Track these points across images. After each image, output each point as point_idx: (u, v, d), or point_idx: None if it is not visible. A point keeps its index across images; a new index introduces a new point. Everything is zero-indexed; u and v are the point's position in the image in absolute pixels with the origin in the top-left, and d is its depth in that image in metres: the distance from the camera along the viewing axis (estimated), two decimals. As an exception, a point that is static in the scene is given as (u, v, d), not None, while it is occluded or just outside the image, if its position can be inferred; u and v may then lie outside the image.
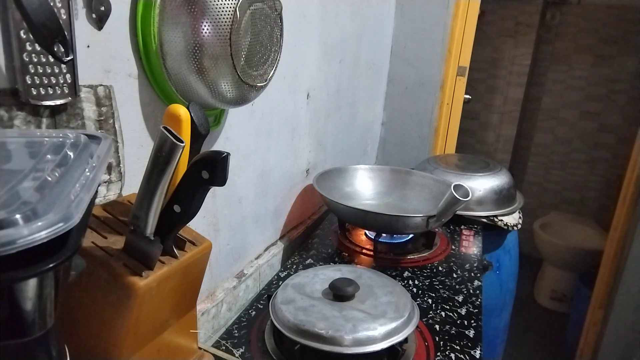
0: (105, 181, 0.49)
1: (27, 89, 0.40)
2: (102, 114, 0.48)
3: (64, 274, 0.27)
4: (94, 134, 0.34)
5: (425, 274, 0.91)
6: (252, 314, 0.76)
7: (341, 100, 1.20)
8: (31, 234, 0.21)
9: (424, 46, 1.50)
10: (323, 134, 1.13)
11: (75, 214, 0.23)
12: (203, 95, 0.55)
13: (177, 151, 0.36)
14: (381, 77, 1.53)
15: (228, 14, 0.50)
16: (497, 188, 1.23)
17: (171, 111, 0.40)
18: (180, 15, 0.50)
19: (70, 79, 0.43)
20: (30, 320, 0.25)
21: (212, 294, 0.75)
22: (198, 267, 0.49)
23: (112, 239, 0.43)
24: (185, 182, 0.39)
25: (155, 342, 0.47)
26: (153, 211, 0.39)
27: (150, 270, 0.41)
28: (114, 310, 0.41)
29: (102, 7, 0.46)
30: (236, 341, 0.69)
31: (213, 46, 0.51)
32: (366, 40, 1.29)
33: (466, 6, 1.46)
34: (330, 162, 1.21)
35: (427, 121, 1.56)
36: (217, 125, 0.68)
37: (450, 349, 0.68)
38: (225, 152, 0.37)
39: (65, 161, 0.29)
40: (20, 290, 0.24)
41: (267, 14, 0.57)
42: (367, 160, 1.55)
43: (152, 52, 0.51)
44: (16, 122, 0.40)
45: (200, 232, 0.50)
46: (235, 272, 0.83)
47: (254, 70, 0.58)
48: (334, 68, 1.11)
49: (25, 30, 0.38)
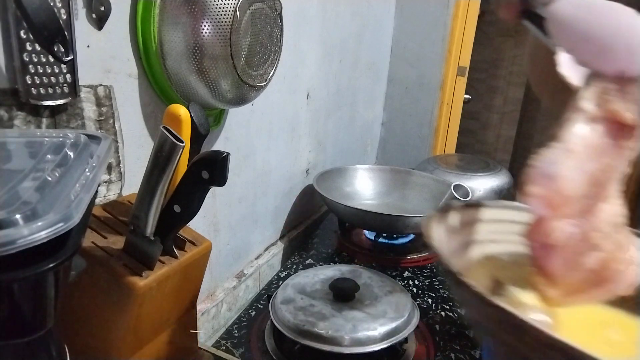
0: (105, 181, 0.49)
1: (27, 89, 0.40)
2: (102, 114, 0.48)
3: (64, 274, 0.27)
4: (94, 134, 0.34)
5: (425, 274, 0.90)
6: (252, 314, 0.76)
7: (341, 100, 1.20)
8: (31, 234, 0.21)
9: (424, 46, 1.50)
10: (323, 134, 1.13)
11: (75, 214, 0.23)
12: (203, 95, 0.55)
13: (177, 151, 0.36)
14: (381, 77, 1.53)
15: (228, 14, 0.50)
16: (497, 188, 1.23)
17: (171, 111, 0.40)
18: (180, 15, 0.50)
19: (70, 79, 0.43)
20: (30, 320, 0.25)
21: (212, 294, 0.75)
22: (198, 267, 0.49)
23: (112, 239, 0.43)
24: (185, 182, 0.39)
25: (155, 342, 0.47)
26: (153, 211, 0.39)
27: (150, 270, 0.41)
28: (114, 310, 0.41)
29: (102, 7, 0.46)
30: (236, 341, 0.69)
31: (213, 46, 0.51)
32: (366, 40, 1.29)
33: (466, 6, 1.46)
34: (330, 162, 1.21)
35: (427, 121, 1.56)
36: (217, 125, 0.68)
37: (450, 349, 0.68)
38: (225, 152, 0.37)
39: (65, 161, 0.29)
40: (20, 290, 0.24)
41: (267, 14, 0.57)
42: (367, 160, 1.55)
43: (152, 52, 0.51)
44: (16, 122, 0.40)
45: (200, 232, 0.50)
46: (235, 272, 0.83)
47: (254, 70, 0.58)
48: (334, 68, 1.11)
49: (25, 30, 0.38)
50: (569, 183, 0.27)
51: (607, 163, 0.28)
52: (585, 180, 0.28)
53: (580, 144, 0.28)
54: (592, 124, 0.28)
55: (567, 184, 0.27)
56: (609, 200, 0.29)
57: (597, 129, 0.28)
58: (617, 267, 0.28)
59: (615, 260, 0.28)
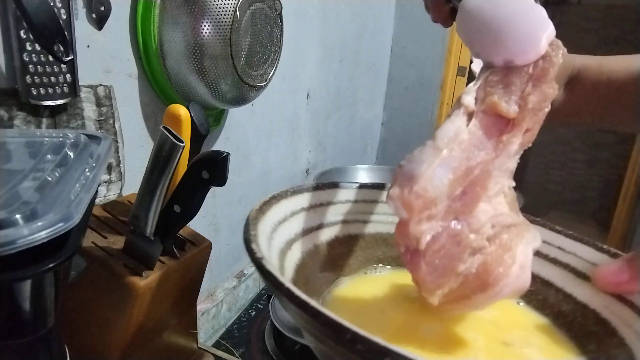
0: (105, 181, 0.49)
1: (27, 89, 0.40)
2: (102, 114, 0.48)
3: (64, 274, 0.27)
4: (94, 134, 0.34)
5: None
6: (252, 314, 0.76)
7: (341, 100, 1.20)
8: (31, 234, 0.21)
9: (424, 46, 1.50)
10: (323, 134, 1.13)
11: (75, 214, 0.23)
12: (203, 95, 0.55)
13: (177, 151, 0.36)
14: (381, 77, 1.53)
15: (228, 14, 0.50)
16: (497, 188, 1.23)
17: (171, 111, 0.40)
18: (180, 15, 0.50)
19: (70, 79, 0.43)
20: (31, 320, 0.25)
21: (212, 294, 0.75)
22: (198, 267, 0.49)
23: (112, 239, 0.43)
24: (185, 182, 0.39)
25: (155, 342, 0.47)
26: (153, 211, 0.39)
27: (150, 270, 0.41)
28: (114, 310, 0.41)
29: (102, 7, 0.46)
30: (236, 341, 0.69)
31: (213, 46, 0.51)
32: (366, 40, 1.29)
33: (466, 6, 1.46)
34: (330, 162, 1.21)
35: (427, 121, 1.56)
36: (217, 125, 0.68)
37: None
38: (225, 152, 0.37)
39: (65, 161, 0.29)
40: (20, 290, 0.24)
41: (267, 14, 0.57)
42: (367, 160, 1.55)
43: (152, 52, 0.51)
44: (16, 122, 0.40)
45: (200, 232, 0.50)
46: (235, 272, 0.83)
47: (254, 70, 0.58)
48: (334, 68, 1.11)
49: (25, 30, 0.38)
50: (432, 183, 0.25)
51: (485, 160, 0.26)
52: (457, 179, 0.25)
53: (452, 141, 0.25)
54: (470, 119, 0.26)
55: (429, 184, 0.25)
56: (492, 199, 0.27)
57: (475, 125, 0.26)
58: (499, 270, 0.25)
59: (498, 263, 0.25)
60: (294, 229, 0.33)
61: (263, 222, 0.29)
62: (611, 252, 0.31)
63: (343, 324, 0.18)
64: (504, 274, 0.25)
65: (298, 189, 0.34)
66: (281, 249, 0.30)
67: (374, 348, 0.16)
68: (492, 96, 0.26)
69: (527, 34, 0.26)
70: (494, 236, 0.26)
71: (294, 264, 0.31)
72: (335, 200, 0.37)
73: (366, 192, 0.38)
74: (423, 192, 0.25)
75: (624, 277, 0.27)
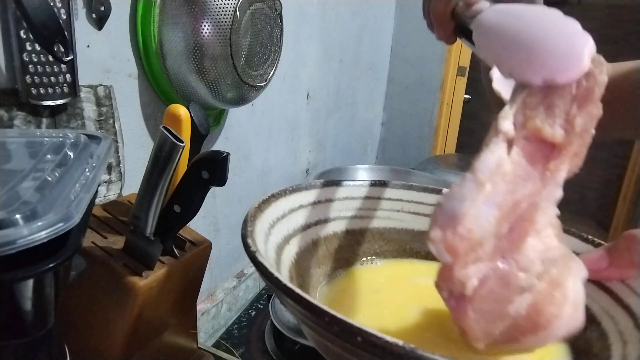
0: (105, 181, 0.49)
1: (27, 89, 0.40)
2: (102, 114, 0.48)
3: (64, 274, 0.27)
4: (94, 134, 0.34)
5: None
6: (252, 314, 0.76)
7: (341, 100, 1.20)
8: (31, 234, 0.21)
9: (424, 46, 1.50)
10: (323, 134, 1.13)
11: (75, 214, 0.23)
12: (203, 95, 0.55)
13: (177, 151, 0.36)
14: (381, 77, 1.53)
15: (228, 14, 0.50)
16: (497, 188, 1.23)
17: (171, 111, 0.40)
18: (180, 15, 0.50)
19: (70, 79, 0.43)
20: (31, 320, 0.25)
21: (212, 294, 0.75)
22: (198, 267, 0.49)
23: (112, 239, 0.43)
24: (185, 182, 0.39)
25: (155, 342, 0.47)
26: (153, 211, 0.39)
27: (150, 270, 0.41)
28: (114, 310, 0.41)
29: (102, 7, 0.46)
30: (236, 341, 0.69)
31: (213, 46, 0.51)
32: (366, 40, 1.29)
33: (466, 6, 1.46)
34: (330, 162, 1.21)
35: (427, 121, 1.56)
36: (217, 125, 0.68)
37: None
38: (225, 152, 0.37)
39: (65, 161, 0.29)
40: (20, 290, 0.24)
41: (267, 14, 0.57)
42: (367, 160, 1.55)
43: (152, 52, 0.51)
44: (16, 122, 0.40)
45: (200, 232, 0.50)
46: (235, 272, 0.83)
47: (254, 70, 0.58)
48: (334, 68, 1.11)
49: (25, 30, 0.38)
50: (477, 222, 0.22)
51: (532, 192, 0.24)
52: (503, 216, 0.23)
53: (495, 174, 0.23)
54: (511, 147, 0.24)
55: (474, 224, 0.22)
56: (540, 233, 0.25)
57: (517, 153, 0.24)
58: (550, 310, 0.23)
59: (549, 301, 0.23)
60: (292, 225, 0.33)
61: (261, 219, 0.29)
62: (595, 242, 0.32)
63: (322, 308, 0.19)
64: (556, 314, 0.23)
65: (297, 188, 0.34)
66: (279, 244, 0.31)
67: (348, 329, 0.18)
68: (535, 120, 0.24)
69: (567, 50, 0.23)
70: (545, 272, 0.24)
71: (292, 257, 0.32)
72: (334, 198, 0.37)
73: (364, 189, 0.39)
74: (468, 233, 0.22)
75: (603, 264, 0.28)
